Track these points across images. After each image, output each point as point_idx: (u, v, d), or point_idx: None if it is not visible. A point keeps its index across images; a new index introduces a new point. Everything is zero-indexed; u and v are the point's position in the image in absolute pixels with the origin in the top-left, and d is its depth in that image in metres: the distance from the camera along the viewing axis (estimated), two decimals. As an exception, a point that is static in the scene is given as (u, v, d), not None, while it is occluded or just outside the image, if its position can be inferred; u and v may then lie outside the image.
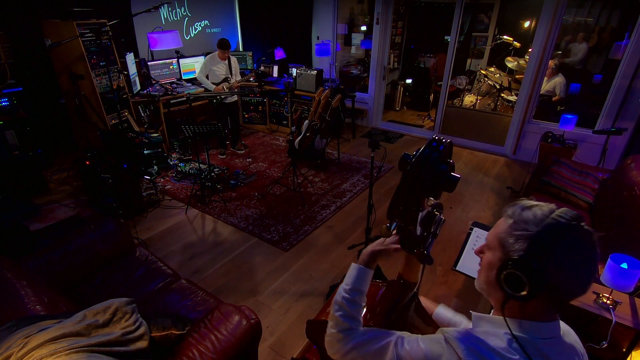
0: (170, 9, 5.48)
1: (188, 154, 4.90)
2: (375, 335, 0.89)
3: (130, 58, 4.56)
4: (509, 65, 6.67)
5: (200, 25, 6.01)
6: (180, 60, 5.40)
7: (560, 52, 6.23)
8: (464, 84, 7.20)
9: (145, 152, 4.13)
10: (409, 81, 7.30)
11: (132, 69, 4.64)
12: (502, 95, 6.65)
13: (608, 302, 1.89)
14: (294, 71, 5.68)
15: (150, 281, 2.18)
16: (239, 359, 1.56)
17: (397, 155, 5.13)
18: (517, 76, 6.88)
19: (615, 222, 2.64)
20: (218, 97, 4.56)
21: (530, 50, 5.14)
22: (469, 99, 7.12)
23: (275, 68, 6.17)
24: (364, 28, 6.81)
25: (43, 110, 4.38)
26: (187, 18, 5.76)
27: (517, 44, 6.91)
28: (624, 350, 1.98)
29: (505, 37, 6.97)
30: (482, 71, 6.97)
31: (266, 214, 3.73)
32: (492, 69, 6.95)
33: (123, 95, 4.25)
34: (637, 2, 4.25)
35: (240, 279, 2.90)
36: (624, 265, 1.81)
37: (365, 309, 1.03)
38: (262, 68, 6.18)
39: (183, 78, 5.43)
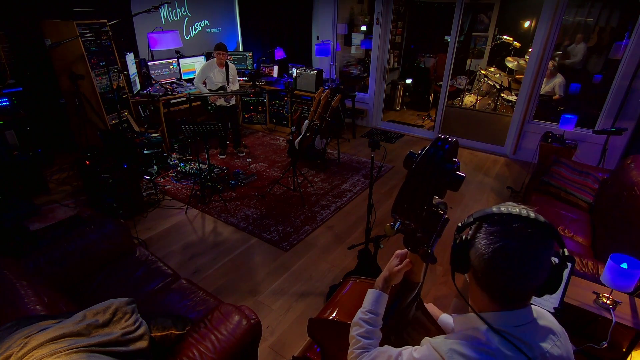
0: (170, 9, 5.48)
1: (188, 154, 4.90)
2: (381, 351, 0.97)
3: (130, 58, 4.56)
4: (509, 65, 6.67)
5: (200, 25, 6.01)
6: (180, 60, 5.40)
7: (560, 52, 6.23)
8: (464, 84, 7.20)
9: (145, 152, 4.13)
10: (409, 81, 7.29)
11: (132, 69, 4.63)
12: (502, 95, 6.65)
13: (608, 302, 1.89)
14: (294, 71, 5.68)
15: (150, 281, 2.18)
16: (239, 359, 1.56)
17: (397, 156, 5.15)
18: (517, 76, 6.88)
19: (615, 222, 2.64)
20: (213, 104, 4.55)
21: (530, 50, 5.14)
22: (469, 99, 7.11)
23: (275, 68, 6.17)
24: (364, 28, 6.81)
25: (43, 110, 4.38)
26: (187, 18, 5.76)
27: (517, 44, 6.91)
28: (624, 350, 1.98)
29: (505, 37, 6.97)
30: (482, 71, 6.97)
31: (266, 214, 3.73)
32: (492, 69, 6.95)
33: (123, 95, 4.24)
34: (637, 2, 4.25)
35: (240, 279, 2.90)
36: (624, 265, 1.81)
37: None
38: (257, 68, 6.17)
39: (183, 78, 5.43)
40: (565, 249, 0.82)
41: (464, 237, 0.83)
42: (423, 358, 0.83)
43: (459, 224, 0.85)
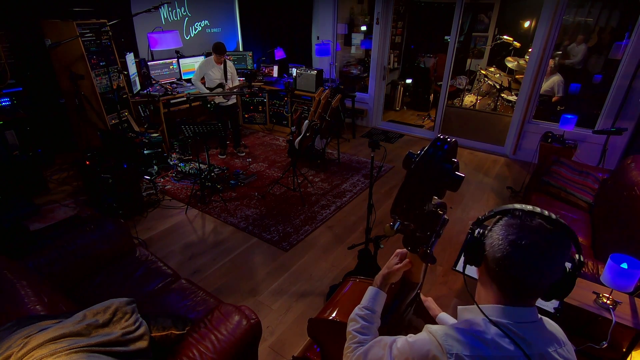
0: (170, 9, 5.48)
1: (188, 154, 4.90)
2: (375, 342, 0.97)
3: (130, 58, 4.56)
4: (509, 65, 6.67)
5: (200, 25, 6.01)
6: (180, 60, 5.40)
7: (560, 52, 6.23)
8: (464, 84, 7.20)
9: (145, 152, 4.13)
10: (409, 81, 7.30)
11: (132, 69, 4.63)
12: (502, 95, 6.65)
13: (608, 302, 1.89)
14: (294, 71, 5.68)
15: (150, 281, 2.18)
16: (239, 359, 1.56)
17: (396, 155, 5.15)
18: (517, 76, 6.88)
19: (615, 222, 2.64)
20: (212, 102, 4.54)
21: (530, 50, 5.14)
22: (469, 99, 7.12)
23: (275, 68, 6.17)
24: (364, 28, 6.81)
25: (43, 110, 4.38)
26: (187, 18, 5.76)
27: (517, 44, 6.91)
28: (624, 350, 1.99)
29: (505, 37, 6.97)
30: (482, 71, 6.97)
31: (266, 214, 3.73)
32: (492, 69, 6.95)
33: (123, 95, 4.25)
34: (637, 2, 4.25)
35: (240, 279, 2.90)
36: (624, 265, 1.81)
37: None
38: (257, 68, 6.16)
39: (183, 78, 5.43)
40: (581, 255, 0.81)
41: (481, 230, 0.84)
42: (418, 341, 0.84)
43: (479, 217, 0.86)
